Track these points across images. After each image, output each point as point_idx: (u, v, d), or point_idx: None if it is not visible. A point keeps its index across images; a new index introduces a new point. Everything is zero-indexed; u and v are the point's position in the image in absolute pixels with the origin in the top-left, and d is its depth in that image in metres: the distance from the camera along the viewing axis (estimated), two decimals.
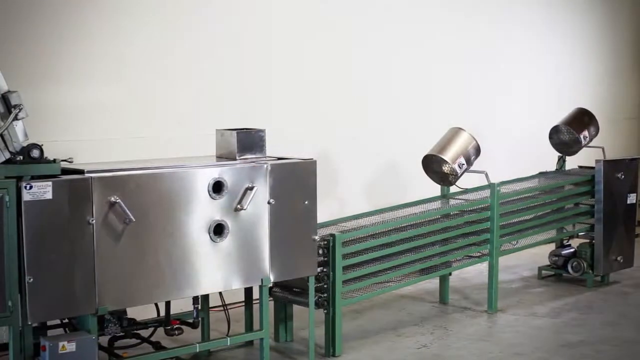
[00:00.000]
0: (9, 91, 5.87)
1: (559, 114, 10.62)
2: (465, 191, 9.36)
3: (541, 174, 10.46)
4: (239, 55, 9.38)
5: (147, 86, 8.72)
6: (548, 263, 10.56)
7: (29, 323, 5.92)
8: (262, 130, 7.22)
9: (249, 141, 7.14)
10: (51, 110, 7.94)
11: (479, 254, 9.11)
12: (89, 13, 8.32)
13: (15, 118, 5.85)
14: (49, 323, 6.61)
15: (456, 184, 9.03)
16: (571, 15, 13.35)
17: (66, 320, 6.55)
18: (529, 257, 11.08)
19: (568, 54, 13.36)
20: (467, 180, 9.14)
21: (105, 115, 8.43)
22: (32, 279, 5.83)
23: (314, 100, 10.07)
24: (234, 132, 7.10)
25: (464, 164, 8.83)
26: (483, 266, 9.62)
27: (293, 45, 9.85)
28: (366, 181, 10.66)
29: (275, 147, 7.49)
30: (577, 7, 13.43)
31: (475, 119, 11.33)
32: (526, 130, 12.31)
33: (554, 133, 10.39)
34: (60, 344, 5.94)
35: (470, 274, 10.55)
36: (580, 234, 10.41)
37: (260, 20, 9.56)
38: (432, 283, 9.68)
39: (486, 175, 8.98)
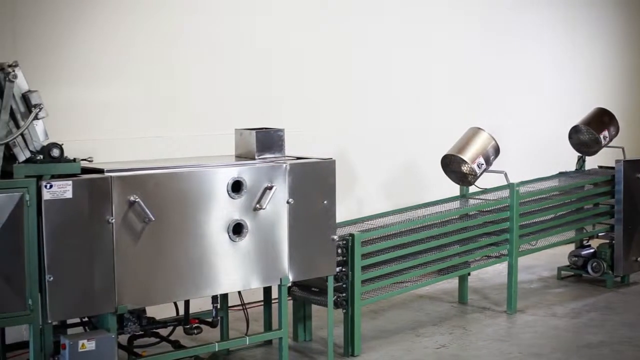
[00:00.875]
0: (29, 91, 5.90)
1: (579, 114, 10.58)
2: (484, 191, 9.35)
3: (561, 174, 10.44)
4: (255, 55, 9.39)
5: (166, 86, 8.75)
6: (567, 263, 10.52)
7: (49, 321, 5.94)
8: (281, 130, 7.22)
9: (268, 140, 7.14)
10: (71, 109, 7.98)
11: (498, 254, 9.09)
12: (108, 12, 8.36)
13: (36, 117, 5.87)
14: (69, 321, 6.63)
15: (475, 183, 9.01)
16: (592, 13, 13.28)
17: (86, 319, 6.59)
18: (548, 257, 11.05)
19: (588, 53, 13.29)
20: (486, 180, 9.12)
21: (124, 115, 8.46)
22: (52, 278, 5.86)
23: (331, 100, 10.07)
24: (253, 132, 7.11)
25: (483, 164, 8.81)
26: (502, 266, 9.59)
27: (307, 45, 9.84)
28: (385, 181, 10.65)
29: (293, 147, 7.50)
30: (598, 5, 13.36)
31: (495, 118, 11.30)
32: (546, 130, 12.26)
33: (574, 133, 10.35)
34: (80, 342, 5.96)
35: (489, 274, 10.53)
36: (600, 234, 10.38)
37: (276, 21, 9.56)
38: (451, 283, 9.67)
39: (505, 175, 8.97)
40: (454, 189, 9.35)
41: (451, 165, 8.95)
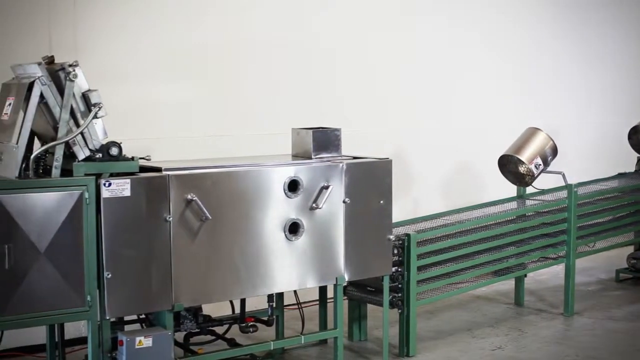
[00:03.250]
0: (89, 90, 5.95)
1: (639, 114, 10.45)
2: (542, 192, 9.27)
3: (620, 175, 10.32)
4: (315, 55, 9.41)
5: (223, 85, 8.80)
6: (626, 266, 10.41)
7: (107, 318, 6.00)
8: (338, 130, 7.23)
9: (325, 140, 7.16)
10: (130, 108, 8.04)
11: (555, 255, 9.01)
12: (168, 12, 8.42)
13: (95, 116, 5.93)
14: (126, 318, 6.70)
15: (532, 184, 8.94)
16: None
17: (143, 316, 6.64)
18: (606, 259, 10.93)
19: None
20: (543, 181, 9.05)
21: (182, 114, 8.52)
22: (110, 275, 5.92)
23: (388, 100, 10.05)
24: (310, 131, 7.12)
25: (540, 165, 8.75)
26: (559, 268, 9.50)
27: (365, 45, 9.84)
28: (441, 181, 10.61)
29: (350, 146, 7.50)
30: None
31: (553, 118, 11.21)
32: (605, 131, 12.14)
33: (633, 133, 10.23)
34: (137, 339, 6.01)
35: (546, 276, 10.44)
36: None
37: (338, 21, 9.58)
38: (507, 284, 9.59)
39: (563, 175, 8.89)
40: (511, 190, 9.29)
41: (508, 165, 8.90)
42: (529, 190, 9.23)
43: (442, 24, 10.56)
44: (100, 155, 5.97)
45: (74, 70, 5.84)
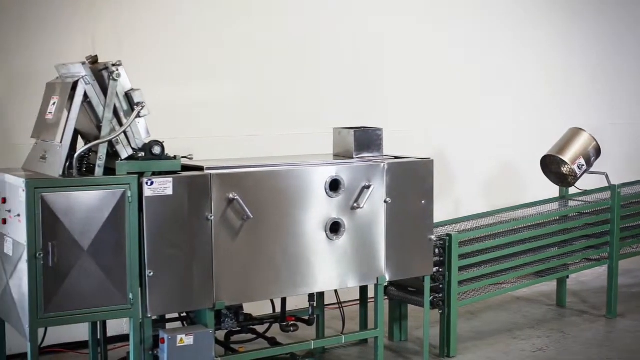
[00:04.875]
0: (132, 89, 5.99)
1: None
2: (585, 193, 9.20)
3: None
4: (354, 55, 9.40)
5: (266, 85, 8.81)
6: None
7: (149, 316, 6.04)
8: (380, 129, 7.22)
9: (367, 140, 7.14)
10: (172, 107, 8.07)
11: (598, 257, 8.94)
12: (209, 13, 8.45)
13: (138, 115, 5.97)
14: (168, 316, 6.73)
15: (575, 185, 8.88)
16: None
17: (184, 314, 6.67)
18: None
19: None
20: (586, 182, 8.98)
21: (224, 113, 8.54)
22: (152, 273, 5.95)
23: (430, 100, 10.01)
24: (352, 131, 7.12)
25: (583, 165, 8.68)
26: (602, 270, 9.44)
27: (406, 44, 9.81)
28: (483, 181, 10.55)
29: (392, 146, 7.48)
30: None
31: (596, 118, 11.13)
32: None
33: None
34: (179, 337, 6.05)
35: (589, 277, 10.36)
36: None
37: (379, 21, 9.56)
38: (548, 286, 9.54)
39: (606, 176, 8.82)
40: (554, 190, 9.23)
41: (551, 166, 8.85)
42: (572, 190, 9.17)
43: (486, 26, 10.50)
44: (143, 154, 6.00)
45: (117, 70, 5.89)
